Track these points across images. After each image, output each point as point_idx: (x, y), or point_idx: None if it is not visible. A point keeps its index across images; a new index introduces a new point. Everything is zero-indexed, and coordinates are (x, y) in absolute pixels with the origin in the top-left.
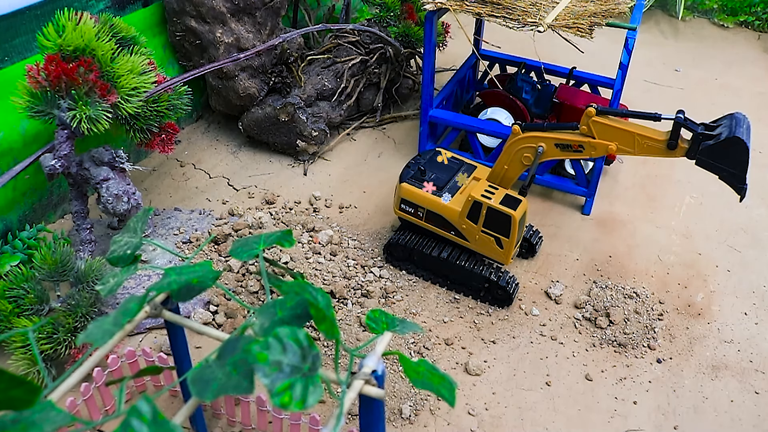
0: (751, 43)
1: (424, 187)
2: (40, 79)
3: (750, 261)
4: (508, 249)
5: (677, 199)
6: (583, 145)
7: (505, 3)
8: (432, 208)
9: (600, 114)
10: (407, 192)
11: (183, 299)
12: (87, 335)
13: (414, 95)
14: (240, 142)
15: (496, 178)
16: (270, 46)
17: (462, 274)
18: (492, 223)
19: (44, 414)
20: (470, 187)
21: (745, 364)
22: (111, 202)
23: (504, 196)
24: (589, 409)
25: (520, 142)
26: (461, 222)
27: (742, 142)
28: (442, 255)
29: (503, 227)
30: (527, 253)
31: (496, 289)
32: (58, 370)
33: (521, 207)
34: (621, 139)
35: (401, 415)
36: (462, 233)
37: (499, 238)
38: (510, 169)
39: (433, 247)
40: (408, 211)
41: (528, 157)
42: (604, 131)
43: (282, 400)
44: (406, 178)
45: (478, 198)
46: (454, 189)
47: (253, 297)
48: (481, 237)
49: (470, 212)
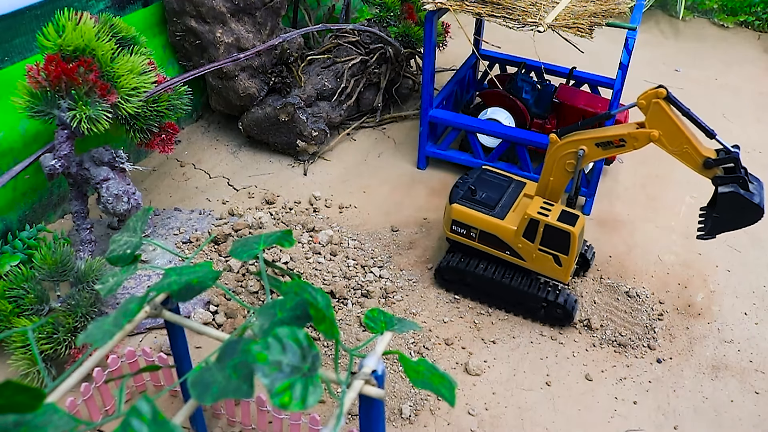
0: (751, 43)
1: (476, 207)
2: (40, 79)
3: (750, 261)
4: (567, 267)
5: (677, 199)
6: (625, 138)
7: (505, 3)
8: (486, 228)
9: (667, 100)
10: (459, 213)
11: (183, 299)
12: (87, 335)
13: (414, 95)
14: (240, 142)
15: (544, 192)
16: (270, 46)
17: (518, 295)
18: (550, 241)
19: (47, 417)
20: (524, 204)
21: (745, 364)
22: (111, 202)
23: (561, 212)
24: (589, 409)
25: (559, 150)
26: (517, 241)
27: (759, 216)
28: (496, 276)
29: (562, 244)
30: (581, 268)
31: (554, 309)
32: (58, 370)
33: (579, 222)
34: (668, 133)
35: (401, 415)
36: (518, 252)
37: (558, 256)
38: (555, 179)
39: (487, 269)
40: (460, 232)
41: (571, 164)
42: (659, 118)
43: (282, 400)
44: (457, 198)
45: (535, 216)
46: (506, 207)
47: (253, 297)
48: (539, 255)
49: (526, 231)
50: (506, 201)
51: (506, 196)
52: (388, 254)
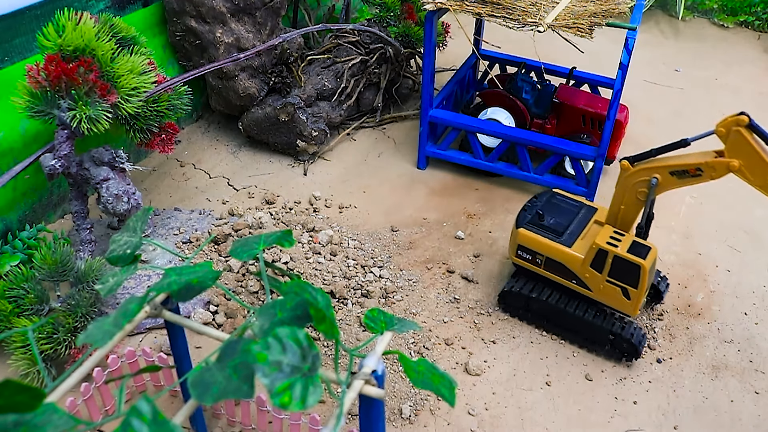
0: (751, 43)
1: (543, 232)
2: (40, 79)
3: (750, 261)
4: (636, 300)
5: (677, 199)
6: (702, 168)
7: (505, 3)
8: (552, 255)
9: (749, 128)
10: (525, 238)
11: (183, 299)
12: (87, 336)
13: (414, 95)
14: (240, 142)
15: (614, 220)
16: (270, 46)
17: (583, 325)
18: (619, 273)
19: (46, 417)
20: (592, 232)
21: (745, 364)
22: (111, 202)
23: (631, 243)
24: (589, 409)
25: (631, 178)
26: (584, 271)
27: None
28: (561, 304)
29: (631, 277)
30: (653, 300)
31: (621, 342)
32: (58, 370)
33: (651, 255)
34: (750, 164)
35: (401, 415)
36: (584, 282)
37: (627, 289)
38: (627, 208)
39: (552, 296)
40: (525, 257)
41: (643, 192)
42: (740, 148)
43: (282, 400)
44: (524, 223)
45: (604, 246)
46: (574, 234)
47: (253, 297)
48: (606, 287)
49: (594, 261)
50: (575, 227)
51: (575, 223)
52: (388, 254)
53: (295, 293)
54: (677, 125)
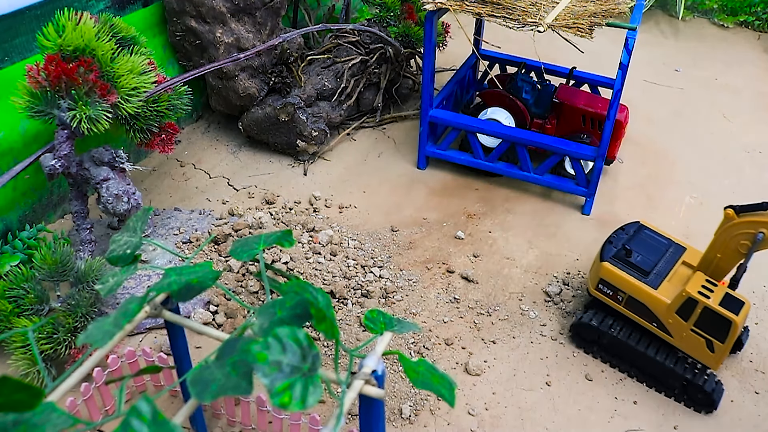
0: (751, 43)
1: (628, 269)
2: (40, 79)
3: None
4: (721, 354)
5: (677, 199)
6: None
7: (505, 3)
8: (636, 295)
9: None
10: (609, 273)
11: (183, 299)
12: (87, 336)
13: (414, 95)
14: (240, 142)
15: (708, 267)
16: (270, 46)
17: (659, 369)
18: (706, 325)
19: (45, 416)
20: (680, 274)
21: (745, 364)
22: (111, 202)
23: (724, 295)
24: (589, 409)
25: (734, 228)
26: (668, 316)
27: None
28: (639, 345)
29: (720, 331)
30: (733, 350)
31: (695, 392)
32: (58, 370)
33: (744, 310)
34: None
35: (401, 415)
36: (666, 327)
37: (712, 342)
38: (723, 258)
39: (630, 335)
40: (606, 292)
41: (745, 245)
42: None
43: (282, 400)
44: (609, 256)
45: (694, 295)
46: (661, 275)
47: (253, 297)
48: (690, 336)
49: (681, 308)
50: (662, 267)
51: (663, 262)
52: (388, 254)
53: (295, 293)
54: (677, 125)
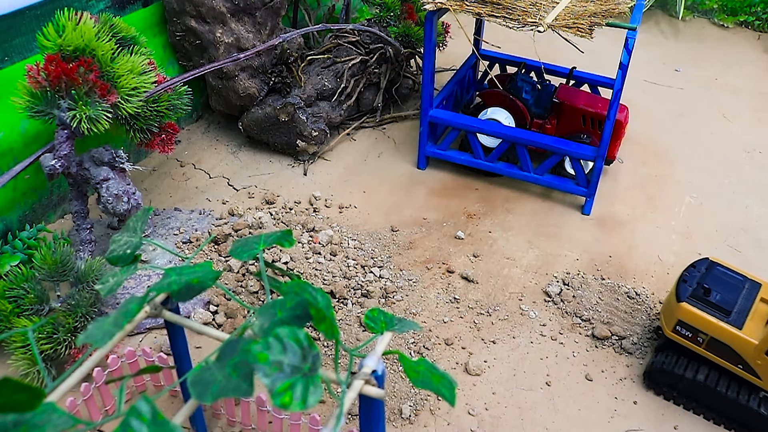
0: (751, 43)
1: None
2: (40, 79)
3: (750, 261)
4: None
5: (677, 199)
6: None
7: (505, 3)
8: (719, 336)
9: None
10: (688, 314)
11: (183, 299)
12: (87, 336)
13: (414, 95)
14: (240, 142)
15: None
16: (270, 46)
17: (744, 413)
18: None
19: (46, 416)
20: (761, 312)
21: None
22: (111, 202)
23: None
24: (589, 409)
25: None
26: (757, 357)
27: None
28: (720, 388)
29: None
30: None
31: None
32: (58, 370)
33: None
34: None
35: (401, 415)
36: (754, 369)
37: None
38: None
39: (709, 378)
40: (684, 334)
41: None
42: None
43: (282, 400)
44: (686, 296)
45: None
46: (742, 314)
47: (253, 297)
48: None
49: None
50: (742, 306)
51: (741, 300)
52: (388, 254)
53: (295, 293)
54: (677, 125)
